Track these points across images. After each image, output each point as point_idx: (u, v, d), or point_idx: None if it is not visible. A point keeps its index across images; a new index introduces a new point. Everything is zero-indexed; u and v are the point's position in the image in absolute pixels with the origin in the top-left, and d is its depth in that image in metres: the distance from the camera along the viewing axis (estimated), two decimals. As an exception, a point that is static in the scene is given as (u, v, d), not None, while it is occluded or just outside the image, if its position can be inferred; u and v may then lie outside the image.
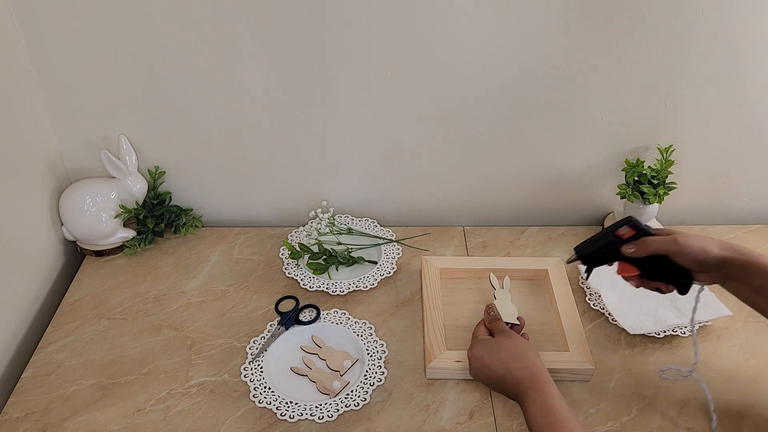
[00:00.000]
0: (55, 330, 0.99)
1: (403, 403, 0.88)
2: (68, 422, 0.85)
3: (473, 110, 1.08)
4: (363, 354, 0.93)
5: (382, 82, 1.04)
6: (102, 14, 0.96)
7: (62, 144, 1.11)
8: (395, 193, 1.19)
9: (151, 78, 1.03)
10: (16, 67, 0.99)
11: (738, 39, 0.99)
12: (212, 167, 1.15)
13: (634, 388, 0.90)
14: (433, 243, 1.16)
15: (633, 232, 0.83)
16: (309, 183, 1.18)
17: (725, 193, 1.19)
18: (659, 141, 1.11)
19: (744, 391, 0.89)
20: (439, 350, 0.91)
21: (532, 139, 1.11)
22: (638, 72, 1.03)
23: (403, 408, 0.87)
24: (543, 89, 1.05)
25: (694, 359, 0.86)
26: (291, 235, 1.17)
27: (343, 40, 0.99)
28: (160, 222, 1.15)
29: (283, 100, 1.06)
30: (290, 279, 1.07)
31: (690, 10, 0.96)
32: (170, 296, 1.05)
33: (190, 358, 0.94)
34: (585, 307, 1.02)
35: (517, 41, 1.00)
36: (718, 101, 1.06)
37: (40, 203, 1.06)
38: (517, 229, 1.20)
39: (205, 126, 1.09)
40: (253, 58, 1.01)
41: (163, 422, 0.85)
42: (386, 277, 1.07)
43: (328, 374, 0.91)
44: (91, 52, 1.00)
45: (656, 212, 1.12)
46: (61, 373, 0.92)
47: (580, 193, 1.19)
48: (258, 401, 0.87)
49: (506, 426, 0.85)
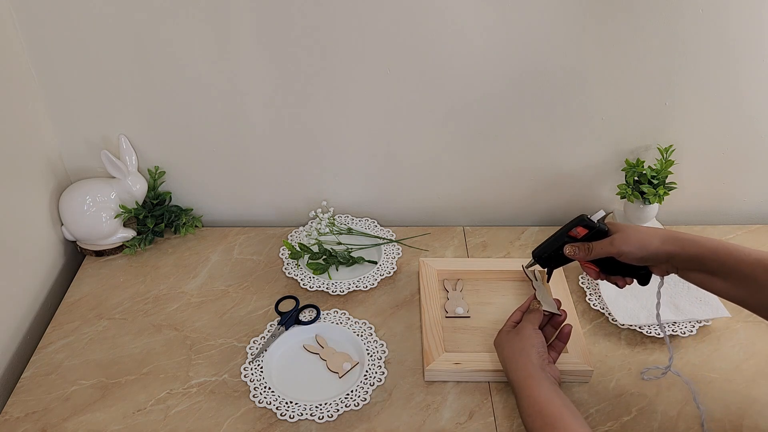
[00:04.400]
0: (55, 330, 0.99)
1: (403, 403, 0.88)
2: (68, 422, 0.85)
3: (473, 110, 1.08)
4: (363, 354, 0.93)
5: (382, 82, 1.04)
6: (102, 14, 0.96)
7: (62, 144, 1.11)
8: (395, 193, 1.19)
9: (151, 78, 1.03)
10: (16, 67, 0.99)
11: (738, 39, 0.99)
12: (212, 167, 1.15)
13: (634, 388, 0.90)
14: (433, 243, 1.16)
15: (586, 231, 0.83)
16: (309, 183, 1.18)
17: (725, 193, 1.19)
18: (659, 141, 1.11)
19: (744, 391, 0.89)
20: (438, 352, 0.91)
21: (532, 139, 1.11)
22: (638, 72, 1.03)
23: (403, 408, 0.87)
24: (543, 89, 1.05)
25: (669, 354, 0.88)
26: (291, 235, 1.17)
27: (343, 40, 0.99)
28: (160, 222, 1.15)
29: (283, 100, 1.06)
30: (290, 279, 1.07)
31: (690, 11, 0.96)
32: (170, 296, 1.05)
33: (190, 358, 0.94)
34: (585, 307, 1.02)
35: (517, 42, 0.99)
36: (718, 101, 1.06)
37: (40, 203, 1.06)
38: (517, 229, 1.20)
39: (205, 126, 1.09)
40: (253, 59, 1.01)
41: (163, 422, 0.85)
42: (386, 277, 1.07)
43: (339, 354, 0.93)
44: (92, 52, 1.00)
45: (656, 212, 1.12)
46: (61, 373, 0.92)
47: (580, 193, 1.19)
48: (258, 401, 0.87)
49: (506, 426, 0.85)
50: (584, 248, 0.83)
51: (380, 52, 1.01)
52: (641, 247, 0.78)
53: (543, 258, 0.89)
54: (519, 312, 0.91)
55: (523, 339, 0.85)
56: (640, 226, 0.85)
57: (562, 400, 0.77)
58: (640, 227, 0.82)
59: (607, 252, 0.80)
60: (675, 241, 0.78)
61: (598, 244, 0.82)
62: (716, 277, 0.76)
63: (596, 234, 0.82)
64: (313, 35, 0.99)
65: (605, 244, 0.81)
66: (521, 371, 0.81)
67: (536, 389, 0.78)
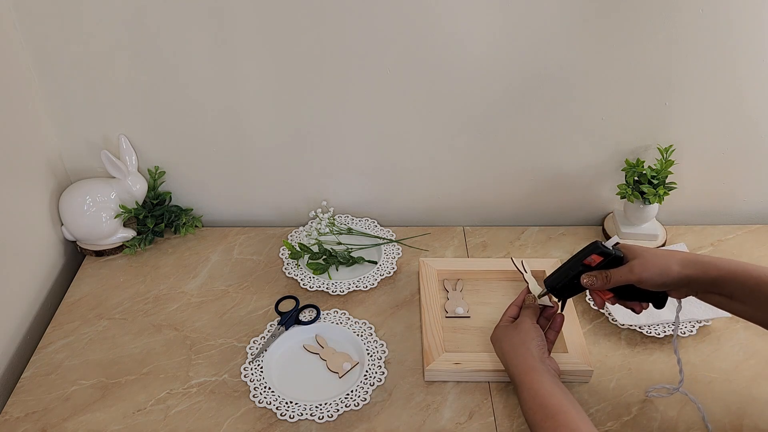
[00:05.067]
0: (55, 330, 0.99)
1: (403, 403, 0.88)
2: (68, 422, 0.85)
3: (473, 110, 1.08)
4: (363, 354, 0.93)
5: (382, 82, 1.04)
6: (102, 14, 0.96)
7: (62, 144, 1.11)
8: (395, 193, 1.19)
9: (151, 78, 1.03)
10: (16, 67, 0.99)
11: (738, 39, 0.99)
12: (212, 167, 1.15)
13: (634, 388, 0.90)
14: (433, 243, 1.16)
15: (601, 258, 0.80)
16: (309, 183, 1.18)
17: (725, 193, 1.19)
18: (659, 141, 1.11)
19: (744, 391, 0.89)
20: (438, 352, 0.91)
21: (532, 139, 1.11)
22: (638, 72, 1.03)
23: (403, 408, 0.87)
24: (543, 90, 1.05)
25: (680, 377, 0.85)
26: (291, 235, 1.17)
27: (342, 40, 0.99)
28: (160, 222, 1.15)
29: (283, 100, 1.06)
30: (290, 279, 1.07)
31: (690, 11, 0.96)
32: (170, 296, 1.05)
33: (190, 358, 0.94)
34: (585, 307, 1.02)
35: (517, 42, 0.99)
36: (718, 101, 1.06)
37: (40, 203, 1.06)
38: (517, 229, 1.20)
39: (205, 126, 1.09)
40: (252, 58, 1.01)
41: (163, 422, 0.85)
42: (386, 277, 1.07)
43: (339, 354, 0.93)
44: (91, 52, 1.00)
45: (656, 212, 1.12)
46: (61, 373, 0.92)
47: (580, 193, 1.19)
48: (258, 401, 0.87)
49: (506, 426, 0.85)
50: (602, 277, 0.80)
51: (380, 52, 1.01)
52: (661, 273, 0.76)
53: (557, 288, 0.86)
54: (515, 306, 0.90)
55: (522, 333, 0.85)
56: (656, 249, 0.82)
57: (564, 393, 0.77)
58: (657, 251, 0.80)
59: (626, 280, 0.78)
60: (695, 264, 0.77)
61: (616, 272, 0.79)
62: (735, 300, 0.76)
63: (612, 261, 0.80)
64: (313, 35, 0.99)
65: (624, 271, 0.78)
66: (522, 365, 0.81)
67: (537, 382, 0.78)
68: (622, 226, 1.14)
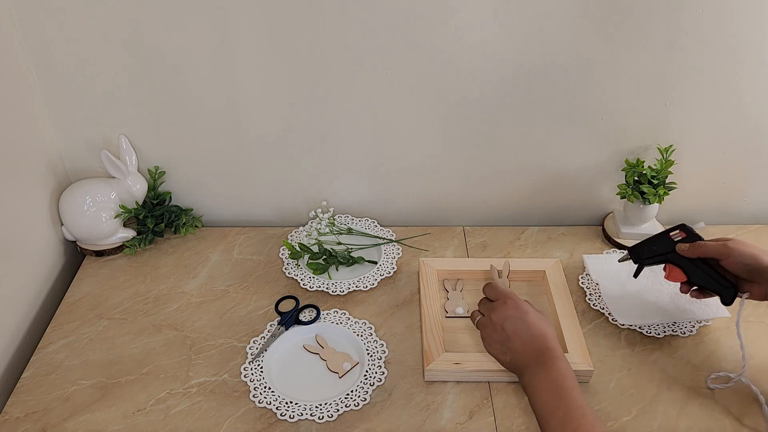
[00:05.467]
0: (55, 330, 0.99)
1: (403, 403, 0.88)
2: (68, 422, 0.85)
3: (473, 110, 1.08)
4: (363, 354, 0.93)
5: (382, 81, 1.04)
6: (102, 14, 0.96)
7: (62, 144, 1.11)
8: (395, 193, 1.19)
9: (151, 78, 1.03)
10: (16, 67, 0.99)
11: (738, 39, 0.99)
12: (212, 167, 1.15)
13: (634, 388, 0.90)
14: (433, 243, 1.16)
15: (685, 235, 0.90)
16: (309, 183, 1.18)
17: (725, 193, 1.19)
18: (659, 141, 1.11)
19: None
20: (438, 352, 0.91)
21: (532, 138, 1.11)
22: (638, 72, 1.03)
23: (403, 408, 0.87)
24: (543, 89, 1.05)
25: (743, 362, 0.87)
26: (291, 235, 1.17)
27: (342, 40, 0.99)
28: (160, 222, 1.15)
29: (282, 100, 1.06)
30: (290, 279, 1.07)
31: (690, 11, 0.96)
32: (170, 296, 1.05)
33: (190, 358, 0.94)
34: (585, 307, 1.02)
35: (516, 42, 0.99)
36: (719, 101, 1.06)
37: (40, 203, 1.06)
38: (517, 229, 1.20)
39: (205, 126, 1.09)
40: (253, 58, 1.01)
41: (163, 422, 0.85)
42: (386, 277, 1.07)
43: (339, 354, 0.93)
44: (91, 52, 1.00)
45: (656, 212, 1.12)
46: (61, 373, 0.92)
47: (580, 193, 1.19)
48: (258, 401, 0.87)
49: (506, 426, 0.85)
50: (695, 244, 0.87)
51: (380, 52, 1.01)
52: (753, 257, 0.80)
53: (637, 252, 0.94)
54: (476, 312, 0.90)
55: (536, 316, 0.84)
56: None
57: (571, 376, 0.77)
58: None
59: (716, 252, 0.83)
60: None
61: (709, 243, 0.84)
62: None
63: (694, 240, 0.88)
64: (313, 34, 0.99)
65: (718, 245, 0.83)
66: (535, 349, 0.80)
67: (552, 364, 0.78)
68: (622, 226, 1.14)
